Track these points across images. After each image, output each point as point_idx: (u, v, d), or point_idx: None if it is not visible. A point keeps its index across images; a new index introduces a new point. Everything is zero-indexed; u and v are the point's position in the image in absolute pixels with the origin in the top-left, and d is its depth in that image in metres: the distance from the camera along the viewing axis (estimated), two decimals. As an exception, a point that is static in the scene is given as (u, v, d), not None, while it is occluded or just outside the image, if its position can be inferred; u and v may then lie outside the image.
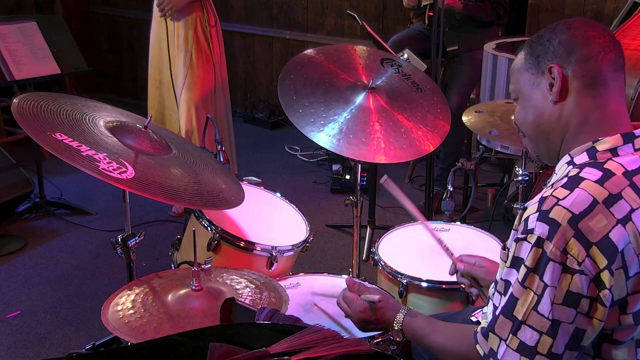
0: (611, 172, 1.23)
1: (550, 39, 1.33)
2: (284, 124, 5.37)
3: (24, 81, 3.63)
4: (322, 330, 1.20)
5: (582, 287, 1.17)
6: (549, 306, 1.19)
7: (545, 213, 1.20)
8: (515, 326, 1.22)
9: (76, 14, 5.92)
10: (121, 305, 1.68)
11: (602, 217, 1.18)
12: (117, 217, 3.77)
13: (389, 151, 2.15)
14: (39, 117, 1.71)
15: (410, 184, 4.33)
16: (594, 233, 1.17)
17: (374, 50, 2.63)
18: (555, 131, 1.35)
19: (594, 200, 1.19)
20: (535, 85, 1.35)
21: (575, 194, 1.20)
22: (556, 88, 1.31)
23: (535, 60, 1.35)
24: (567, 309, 1.18)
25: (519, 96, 1.40)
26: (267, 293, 1.78)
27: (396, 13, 4.84)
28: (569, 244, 1.17)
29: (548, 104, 1.34)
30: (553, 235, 1.18)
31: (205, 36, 3.60)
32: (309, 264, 3.19)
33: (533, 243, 1.20)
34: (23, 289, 3.13)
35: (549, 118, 1.34)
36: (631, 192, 1.21)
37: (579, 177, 1.24)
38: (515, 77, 1.41)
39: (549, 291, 1.19)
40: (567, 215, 1.18)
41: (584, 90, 1.31)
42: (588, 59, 1.30)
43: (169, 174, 1.76)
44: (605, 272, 1.17)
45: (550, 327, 1.19)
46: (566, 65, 1.31)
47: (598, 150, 1.28)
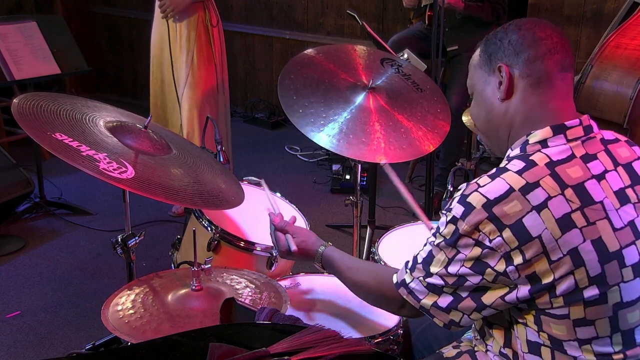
0: (534, 162, 1.31)
1: (502, 38, 1.40)
2: (284, 124, 5.37)
3: (24, 81, 3.63)
4: (322, 330, 1.20)
5: (491, 259, 1.27)
6: (459, 266, 1.31)
7: (465, 197, 1.30)
8: (428, 275, 1.37)
9: (76, 14, 5.93)
10: (121, 305, 1.68)
11: (517, 202, 1.25)
12: (117, 217, 3.77)
13: (389, 151, 2.15)
14: (39, 117, 1.71)
15: (410, 184, 4.33)
16: (507, 216, 1.25)
17: (374, 50, 2.63)
18: (502, 127, 1.43)
19: (510, 188, 1.27)
20: (486, 83, 1.44)
21: (494, 183, 1.29)
22: (503, 86, 1.39)
23: (488, 59, 1.42)
24: (474, 273, 1.30)
25: (474, 92, 1.49)
26: (267, 293, 1.78)
27: (396, 13, 4.84)
28: (482, 223, 1.26)
29: (497, 101, 1.42)
30: (466, 216, 1.28)
31: (207, 36, 3.60)
32: (309, 264, 3.19)
33: (449, 219, 1.31)
34: (23, 289, 3.13)
35: (497, 114, 1.42)
36: (550, 181, 1.28)
37: (504, 168, 1.32)
38: (471, 73, 1.49)
39: (460, 256, 1.31)
40: (482, 200, 1.27)
41: (529, 88, 1.38)
42: (535, 60, 1.37)
43: (169, 173, 1.76)
44: (516, 251, 1.25)
45: (457, 279, 1.33)
46: (514, 64, 1.38)
47: (529, 142, 1.36)
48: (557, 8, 4.19)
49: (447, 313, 1.36)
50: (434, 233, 1.38)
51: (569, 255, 1.24)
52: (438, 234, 1.35)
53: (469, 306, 1.34)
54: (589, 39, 4.14)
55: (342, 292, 2.07)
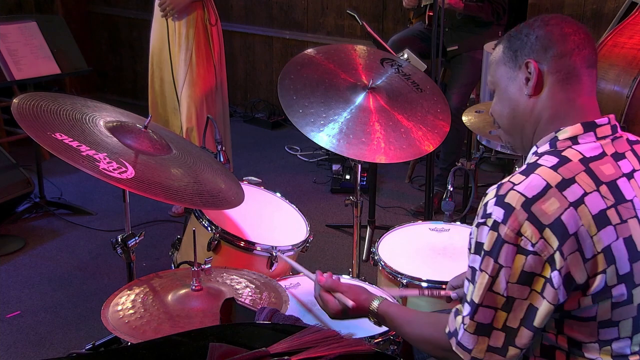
0: (567, 158, 1.29)
1: (528, 34, 1.38)
2: (284, 124, 5.36)
3: (24, 81, 3.63)
4: (322, 330, 1.20)
5: (536, 267, 1.22)
6: (504, 285, 1.24)
7: (502, 197, 1.25)
8: (474, 310, 1.27)
9: (76, 14, 5.92)
10: (121, 305, 1.68)
11: (555, 200, 1.23)
12: (117, 217, 3.77)
13: (389, 151, 2.15)
14: (39, 117, 1.71)
15: (410, 184, 4.33)
16: (546, 215, 1.22)
17: (374, 50, 2.63)
18: (528, 124, 1.40)
19: (547, 185, 1.24)
20: (511, 79, 1.40)
21: (529, 179, 1.25)
22: (532, 82, 1.36)
23: (513, 55, 1.39)
24: (522, 287, 1.24)
25: (496, 89, 1.45)
26: (267, 293, 1.78)
27: (396, 13, 4.84)
28: (523, 227, 1.22)
29: (523, 98, 1.39)
30: (507, 219, 1.23)
31: (206, 35, 3.61)
32: (309, 264, 3.17)
33: (490, 226, 1.25)
34: (23, 289, 3.13)
35: (523, 111, 1.40)
36: (585, 177, 1.26)
37: (537, 164, 1.29)
38: (493, 69, 1.46)
39: (504, 271, 1.24)
40: (521, 199, 1.23)
41: (557, 85, 1.36)
42: (563, 55, 1.35)
43: (169, 173, 1.76)
44: (557, 253, 1.21)
45: (505, 303, 1.25)
46: (542, 60, 1.36)
47: (559, 139, 1.34)
48: (557, 8, 4.19)
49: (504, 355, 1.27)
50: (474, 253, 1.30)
51: (603, 253, 1.23)
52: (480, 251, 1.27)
53: (526, 336, 1.26)
54: (589, 39, 4.13)
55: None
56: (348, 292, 1.61)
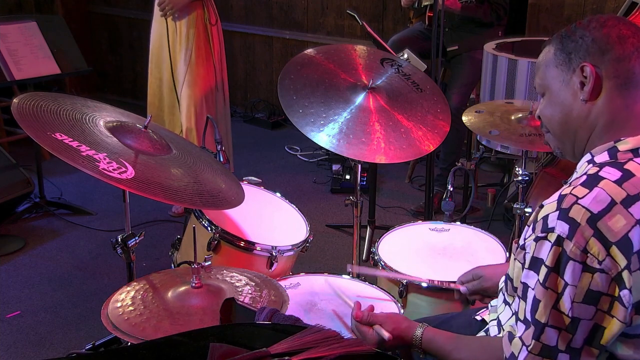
0: (631, 172, 1.22)
1: (583, 35, 1.31)
2: (284, 124, 5.36)
3: (24, 81, 3.63)
4: (322, 330, 1.20)
5: (603, 285, 1.17)
6: (569, 304, 1.18)
7: (565, 212, 1.19)
8: (539, 330, 1.21)
9: (76, 14, 5.93)
10: (121, 302, 1.68)
11: (621, 217, 1.17)
12: (117, 217, 3.77)
13: (389, 151, 2.15)
14: (39, 117, 1.71)
15: (410, 184, 4.33)
16: (612, 232, 1.17)
17: (374, 50, 2.63)
18: (582, 130, 1.33)
19: (612, 200, 1.18)
20: (564, 83, 1.33)
21: (594, 193, 1.19)
22: (588, 87, 1.30)
23: (567, 57, 1.32)
24: (587, 307, 1.18)
25: (546, 92, 1.38)
26: (267, 291, 1.78)
27: (396, 13, 4.84)
28: (589, 243, 1.16)
29: (577, 103, 1.32)
30: (573, 235, 1.17)
31: (206, 34, 3.61)
32: (309, 264, 3.19)
33: (553, 242, 1.19)
34: (23, 289, 3.13)
35: (577, 117, 1.33)
36: None
37: (598, 176, 1.23)
38: (543, 72, 1.38)
39: (569, 290, 1.18)
40: (586, 214, 1.18)
41: (616, 90, 1.29)
42: (622, 59, 1.28)
43: (169, 174, 1.76)
44: (625, 271, 1.16)
45: (570, 324, 1.19)
46: (599, 64, 1.29)
47: (619, 150, 1.27)
48: (557, 8, 4.19)
49: None
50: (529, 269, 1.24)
51: None
52: (540, 268, 1.21)
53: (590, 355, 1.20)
54: (589, 39, 4.13)
55: (341, 291, 2.07)
56: (386, 324, 1.54)
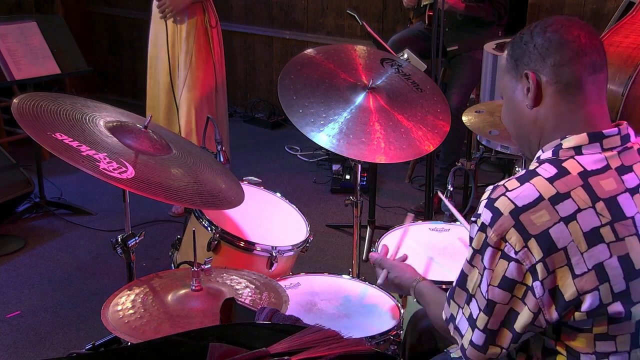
0: (567, 170, 1.25)
1: (527, 42, 1.34)
2: (284, 124, 5.36)
3: (24, 81, 3.63)
4: (322, 330, 1.20)
5: (517, 274, 1.23)
6: (486, 287, 1.26)
7: (492, 201, 1.26)
8: (468, 297, 1.31)
9: (76, 14, 5.92)
10: (121, 305, 1.68)
11: (545, 212, 1.21)
12: (117, 217, 3.77)
13: (389, 151, 2.15)
14: (39, 117, 1.71)
15: (410, 184, 4.33)
16: (534, 226, 1.21)
17: (374, 50, 2.63)
18: (532, 134, 1.38)
19: (539, 196, 1.23)
20: (514, 89, 1.38)
21: (523, 188, 1.24)
22: (531, 94, 1.33)
23: (515, 64, 1.36)
24: (503, 292, 1.25)
25: (503, 96, 1.44)
26: (267, 293, 1.78)
27: (396, 13, 4.84)
28: (508, 233, 1.22)
29: (525, 109, 1.36)
30: (494, 223, 1.23)
31: (206, 37, 3.60)
32: (309, 264, 3.19)
33: (479, 227, 1.27)
34: (23, 289, 3.13)
35: (526, 121, 1.37)
36: (582, 193, 1.23)
37: (535, 172, 1.27)
38: (500, 76, 1.48)
39: (487, 273, 1.26)
40: (510, 206, 1.23)
41: (558, 95, 1.31)
42: (562, 64, 1.30)
43: (169, 173, 1.76)
44: (540, 264, 1.21)
45: (486, 306, 1.27)
46: (541, 70, 1.32)
47: (562, 147, 1.30)
48: (557, 8, 4.19)
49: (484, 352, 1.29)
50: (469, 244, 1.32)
51: (594, 270, 1.20)
52: (470, 247, 1.30)
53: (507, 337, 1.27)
54: (589, 39, 4.13)
55: (342, 292, 2.07)
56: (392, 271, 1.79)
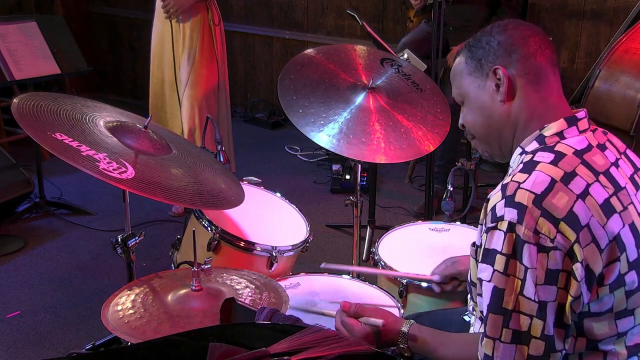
0: (562, 153, 1.29)
1: (489, 41, 1.39)
2: (284, 124, 5.37)
3: (24, 81, 3.63)
4: (322, 330, 1.20)
5: (558, 262, 1.21)
6: (533, 288, 1.21)
7: (511, 198, 1.23)
8: (508, 318, 1.23)
9: (76, 14, 5.93)
10: (121, 305, 1.68)
11: (563, 193, 1.22)
12: (117, 217, 3.77)
13: (389, 151, 2.15)
14: (39, 117, 1.71)
15: (410, 184, 4.33)
16: (558, 210, 1.21)
17: (374, 50, 2.63)
18: (506, 129, 1.40)
19: (552, 179, 1.23)
20: (480, 88, 1.41)
21: (533, 176, 1.25)
22: (503, 88, 1.37)
23: (478, 64, 1.40)
24: (549, 287, 1.21)
25: (465, 100, 1.45)
26: (267, 293, 1.78)
27: (396, 13, 4.84)
28: (539, 223, 1.20)
29: (497, 105, 1.39)
30: (522, 218, 1.21)
31: (209, 35, 3.61)
32: (309, 264, 3.19)
33: (505, 229, 1.22)
34: (23, 289, 3.13)
35: (499, 117, 1.40)
36: (584, 169, 1.27)
37: (534, 161, 1.29)
38: (458, 82, 1.46)
39: (530, 273, 1.21)
40: (531, 196, 1.22)
41: (529, 86, 1.37)
42: (528, 57, 1.36)
43: (169, 173, 1.76)
44: (576, 245, 1.20)
45: (538, 310, 1.21)
46: (509, 65, 1.37)
47: (546, 136, 1.34)
48: (557, 8, 4.19)
49: None
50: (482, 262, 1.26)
51: (615, 241, 1.23)
52: (494, 259, 1.23)
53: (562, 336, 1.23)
54: (589, 38, 4.14)
55: (342, 292, 2.07)
56: (375, 315, 1.54)
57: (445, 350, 1.45)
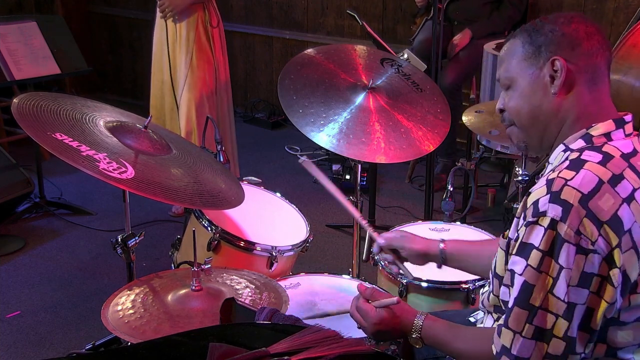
0: (610, 154, 1.25)
1: (553, 30, 1.32)
2: (284, 124, 5.36)
3: (24, 81, 3.63)
4: (322, 330, 1.20)
5: (595, 266, 1.18)
6: (564, 289, 1.18)
7: (556, 194, 1.20)
8: (533, 314, 1.21)
9: (76, 14, 5.92)
10: (121, 305, 1.68)
11: (610, 196, 1.19)
12: (117, 217, 3.77)
13: (389, 151, 2.15)
14: (39, 118, 1.71)
15: (410, 184, 4.33)
16: (604, 212, 1.18)
17: (374, 50, 2.63)
18: (552, 124, 1.35)
19: (599, 180, 1.20)
20: (533, 76, 1.34)
21: (581, 174, 1.21)
22: (559, 81, 1.31)
23: (536, 50, 1.33)
24: (581, 290, 1.18)
25: (512, 84, 1.38)
26: (267, 293, 1.78)
27: (396, 13, 4.84)
28: (583, 224, 1.17)
29: (548, 96, 1.33)
30: (567, 216, 1.17)
31: (206, 37, 3.60)
32: (309, 264, 3.19)
33: (547, 226, 1.19)
34: (23, 289, 3.13)
35: (547, 109, 1.34)
36: (631, 173, 1.24)
37: (581, 159, 1.25)
38: (508, 64, 1.37)
39: (565, 273, 1.18)
40: (577, 195, 1.18)
41: (585, 84, 1.32)
42: (590, 55, 1.31)
43: (169, 173, 1.76)
44: (617, 250, 1.18)
45: (566, 310, 1.19)
46: (570, 58, 1.30)
47: (593, 135, 1.30)
48: (557, 8, 4.19)
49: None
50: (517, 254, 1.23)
51: None
52: (530, 253, 1.21)
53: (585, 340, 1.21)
54: (589, 39, 4.14)
55: (342, 292, 2.07)
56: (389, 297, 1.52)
57: (459, 342, 1.41)
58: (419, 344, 1.46)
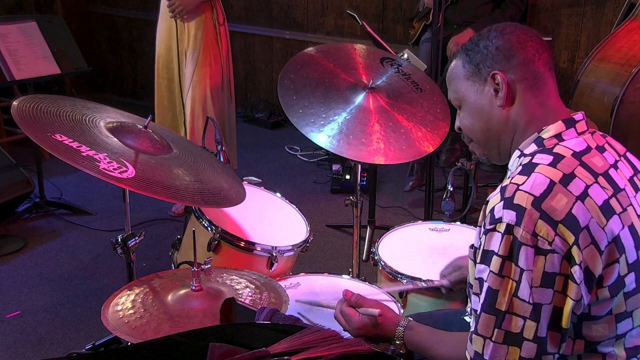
0: (561, 154, 1.29)
1: (487, 45, 1.38)
2: (284, 124, 5.37)
3: (24, 81, 3.63)
4: (322, 330, 1.20)
5: (556, 265, 1.20)
6: (528, 290, 1.21)
7: (509, 200, 1.23)
8: (500, 319, 1.23)
9: (76, 14, 5.93)
10: (121, 305, 1.68)
11: (562, 195, 1.22)
12: (117, 217, 3.78)
13: (389, 152, 2.15)
14: (39, 119, 1.71)
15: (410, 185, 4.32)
16: (557, 212, 1.21)
17: (374, 50, 2.63)
18: (504, 133, 1.40)
19: (551, 181, 1.23)
20: (479, 92, 1.40)
21: (532, 178, 1.24)
22: (502, 94, 1.36)
23: (476, 68, 1.39)
24: (545, 290, 1.21)
25: (462, 104, 1.44)
26: (267, 293, 1.78)
27: (396, 13, 4.84)
28: (537, 226, 1.20)
29: (495, 109, 1.39)
30: (521, 220, 1.20)
31: (214, 34, 3.62)
32: (309, 264, 3.20)
33: (503, 231, 1.22)
34: (23, 289, 3.13)
35: (497, 122, 1.39)
36: (583, 171, 1.26)
37: (532, 163, 1.29)
38: (455, 85, 1.44)
39: (526, 275, 1.21)
40: (530, 198, 1.22)
41: (527, 91, 1.37)
42: (527, 62, 1.36)
43: (170, 172, 1.76)
44: (574, 247, 1.20)
45: (532, 311, 1.21)
46: (507, 70, 1.36)
47: (544, 138, 1.34)
48: (556, 8, 4.19)
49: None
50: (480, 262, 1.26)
51: (614, 243, 1.23)
52: (491, 260, 1.23)
53: (556, 340, 1.22)
54: (589, 39, 4.14)
55: (341, 292, 2.07)
56: (375, 307, 1.57)
57: (440, 348, 1.46)
58: (403, 349, 1.52)
